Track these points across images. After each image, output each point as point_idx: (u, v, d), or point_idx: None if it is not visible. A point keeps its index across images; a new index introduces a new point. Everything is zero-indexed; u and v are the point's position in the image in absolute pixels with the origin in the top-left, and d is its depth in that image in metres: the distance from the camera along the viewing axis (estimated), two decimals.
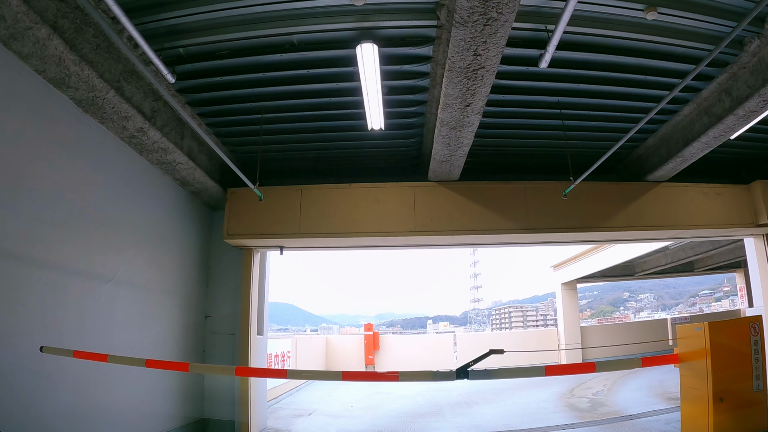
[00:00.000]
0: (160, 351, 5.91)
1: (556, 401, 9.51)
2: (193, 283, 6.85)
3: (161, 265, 6.12)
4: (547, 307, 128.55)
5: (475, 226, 6.57)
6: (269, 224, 6.57)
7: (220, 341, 6.91)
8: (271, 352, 9.84)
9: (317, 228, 6.59)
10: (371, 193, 6.73)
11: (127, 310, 5.31)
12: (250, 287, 6.80)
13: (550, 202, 6.80)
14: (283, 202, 6.69)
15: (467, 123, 5.00)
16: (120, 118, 4.90)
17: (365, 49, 4.35)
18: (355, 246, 7.25)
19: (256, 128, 6.16)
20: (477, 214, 6.63)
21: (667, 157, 6.84)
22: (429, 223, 6.55)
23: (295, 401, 10.27)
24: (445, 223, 6.60)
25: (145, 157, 5.79)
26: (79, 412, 4.38)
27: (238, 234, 6.61)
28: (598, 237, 7.46)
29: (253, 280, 6.87)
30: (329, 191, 6.78)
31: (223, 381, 6.72)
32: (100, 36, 4.30)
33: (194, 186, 6.65)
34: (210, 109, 5.86)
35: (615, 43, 4.93)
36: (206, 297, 7.15)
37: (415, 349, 16.91)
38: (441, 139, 5.39)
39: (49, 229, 4.21)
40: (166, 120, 5.56)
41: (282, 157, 7.09)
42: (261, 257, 7.36)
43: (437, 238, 6.76)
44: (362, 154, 6.98)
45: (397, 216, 6.62)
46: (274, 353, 10.05)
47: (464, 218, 6.62)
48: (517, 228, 6.61)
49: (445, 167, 6.21)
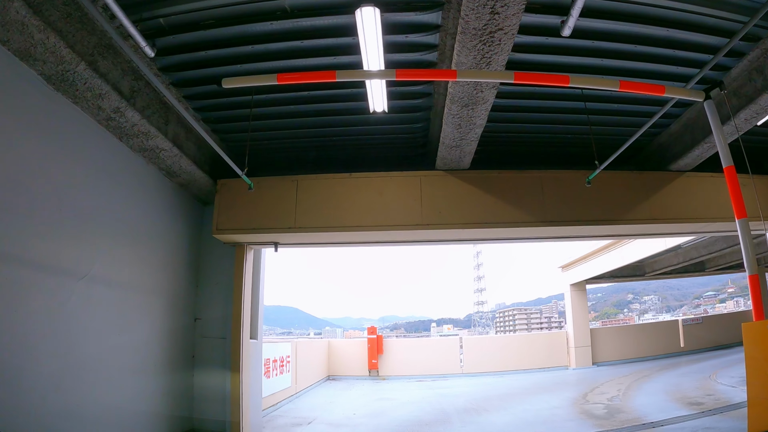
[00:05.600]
0: (142, 357, 5.38)
1: (569, 408, 9.09)
2: (180, 283, 6.32)
3: (144, 262, 5.60)
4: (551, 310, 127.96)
5: (488, 219, 6.01)
6: (262, 218, 6.03)
7: (210, 346, 6.37)
8: (269, 357, 9.30)
9: (314, 222, 6.03)
10: (373, 183, 6.17)
11: (104, 311, 4.78)
12: (242, 287, 6.26)
13: (569, 193, 6.26)
14: (278, 194, 6.15)
15: (481, 100, 4.47)
16: (94, 96, 4.41)
17: (365, 13, 3.83)
18: (355, 242, 6.69)
19: (246, 112, 5.63)
20: (489, 206, 6.07)
21: (692, 144, 6.34)
22: (437, 216, 6.00)
23: (295, 408, 9.75)
24: (454, 215, 6.04)
25: (126, 143, 5.28)
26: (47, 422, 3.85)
27: (229, 229, 6.07)
28: (619, 231, 6.88)
29: (245, 280, 6.33)
30: (328, 182, 6.22)
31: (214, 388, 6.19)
32: (71, 4, 3.83)
33: (182, 177, 6.13)
34: (196, 91, 5.36)
35: (643, 11, 4.43)
36: (196, 298, 6.61)
37: (421, 352, 16.32)
38: (451, 120, 4.85)
39: (13, 218, 3.69)
40: (148, 102, 5.07)
41: (276, 146, 6.56)
42: (255, 255, 6.83)
43: (446, 232, 6.21)
44: (364, 141, 6.43)
45: (401, 208, 6.07)
46: (272, 358, 9.50)
47: (476, 210, 6.06)
48: (533, 221, 6.05)
49: (455, 153, 5.66)
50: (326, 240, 6.54)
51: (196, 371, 6.35)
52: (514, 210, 6.04)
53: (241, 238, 6.28)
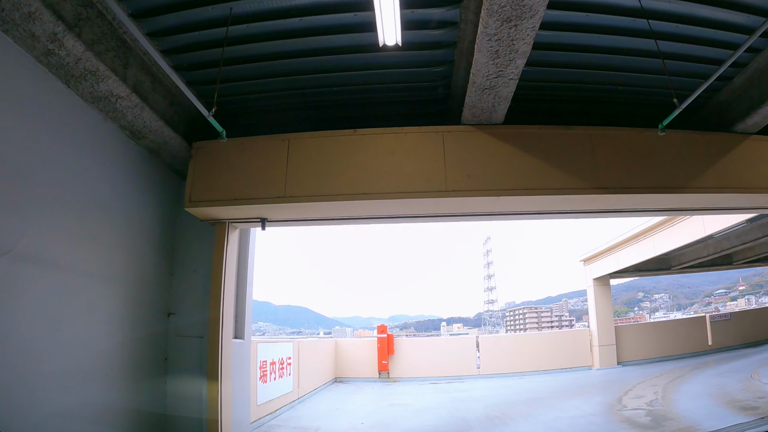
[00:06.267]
0: (92, 361, 4.24)
1: (606, 414, 8.12)
2: (149, 270, 5.19)
3: (98, 241, 4.46)
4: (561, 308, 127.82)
5: (529, 185, 4.78)
6: (245, 187, 4.84)
7: (187, 346, 5.23)
8: (266, 359, 8.18)
9: (309, 189, 4.82)
10: (384, 141, 4.94)
11: (37, 300, 3.66)
12: (221, 275, 5.07)
13: (625, 155, 5.05)
14: (265, 156, 4.96)
15: (528, 10, 3.27)
16: (23, 18, 3.33)
17: None
18: (360, 217, 5.43)
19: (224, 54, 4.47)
20: (530, 169, 4.85)
21: (759, 100, 5.23)
22: (465, 181, 4.75)
23: (296, 416, 8.65)
24: (487, 180, 4.80)
25: (75, 90, 4.18)
26: None
27: (204, 200, 4.88)
28: (683, 203, 5.55)
29: (227, 266, 5.15)
30: (326, 141, 5.00)
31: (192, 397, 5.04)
32: None
33: (150, 139, 5.01)
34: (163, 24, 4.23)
35: None
36: (170, 289, 5.46)
37: (434, 353, 15.17)
38: (486, 44, 3.64)
39: None
40: (100, 35, 3.96)
41: (262, 99, 5.34)
42: (242, 238, 5.69)
43: (477, 201, 4.96)
44: (372, 89, 5.22)
45: (420, 172, 4.84)
46: (270, 360, 8.37)
47: (514, 174, 4.83)
48: (584, 187, 4.81)
49: (488, 99, 4.44)
50: (323, 214, 5.33)
51: (169, 377, 5.20)
52: (560, 174, 4.79)
53: (220, 213, 5.08)
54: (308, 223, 5.51)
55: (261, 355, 7.91)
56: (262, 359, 7.96)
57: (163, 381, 5.17)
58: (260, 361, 7.87)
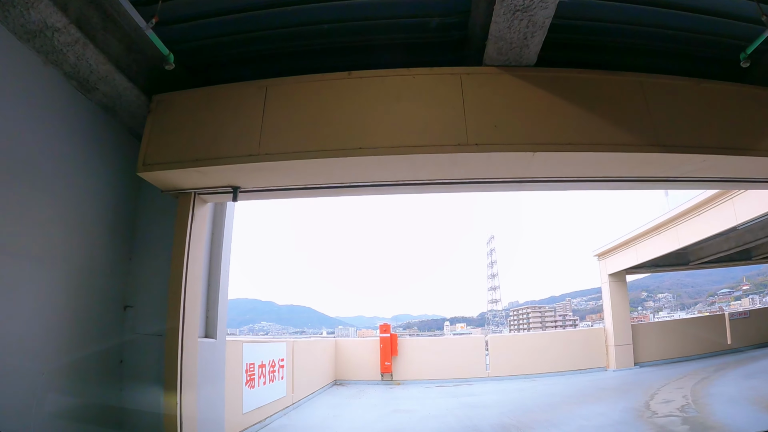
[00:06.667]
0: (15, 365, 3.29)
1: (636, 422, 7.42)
2: (102, 253, 4.23)
3: (32, 215, 3.52)
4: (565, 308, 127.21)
5: (570, 139, 3.75)
6: (211, 144, 3.84)
7: (148, 346, 4.26)
8: (254, 362, 7.22)
9: (290, 145, 3.77)
10: (386, 86, 3.91)
11: None
12: (184, 258, 4.06)
13: (683, 108, 4.04)
14: (237, 107, 3.98)
15: None
16: None
17: None
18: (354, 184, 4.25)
19: None
20: (571, 121, 3.84)
21: None
22: (491, 133, 3.71)
23: (288, 425, 7.74)
24: (518, 132, 3.76)
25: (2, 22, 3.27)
26: None
27: (162, 162, 3.89)
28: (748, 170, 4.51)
29: (191, 247, 4.14)
30: (313, 86, 3.97)
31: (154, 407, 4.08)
32: None
33: (101, 91, 4.06)
34: None
35: None
36: (128, 276, 4.49)
37: (440, 353, 14.21)
38: None
39: None
40: None
41: (238, 43, 4.35)
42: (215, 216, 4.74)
43: (506, 160, 3.90)
44: (368, 26, 4.21)
45: (433, 121, 3.81)
46: (258, 362, 7.41)
47: (550, 126, 3.80)
48: (639, 144, 3.80)
49: (518, 28, 3.44)
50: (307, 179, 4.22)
51: (126, 385, 4.24)
52: (608, 127, 3.77)
53: (182, 180, 4.08)
54: (290, 193, 4.46)
55: (248, 357, 6.96)
56: (249, 361, 7.01)
57: (118, 389, 4.21)
58: (247, 363, 6.92)
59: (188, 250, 4.01)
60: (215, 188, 4.13)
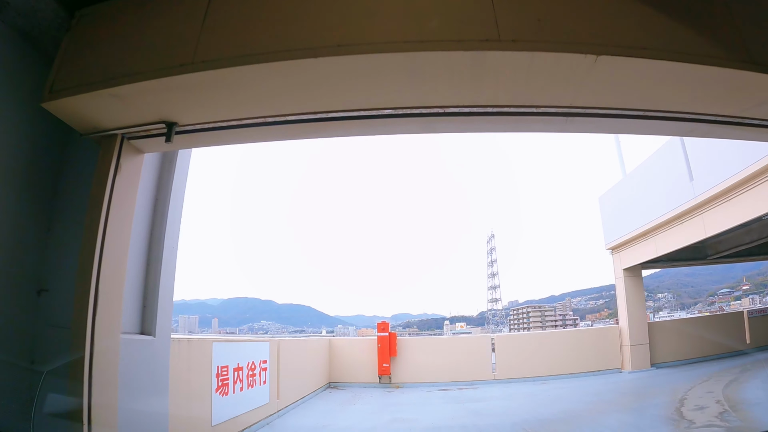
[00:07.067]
0: None
1: None
2: (8, 221, 3.17)
3: None
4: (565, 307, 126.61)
5: (643, 42, 2.63)
6: (135, 57, 2.75)
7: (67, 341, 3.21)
8: (228, 364, 6.14)
9: (238, 48, 2.63)
10: None
11: None
12: (99, 224, 2.93)
13: None
14: (174, 14, 2.87)
15: None
16: None
17: None
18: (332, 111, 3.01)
19: None
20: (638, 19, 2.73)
21: None
22: (533, 27, 2.56)
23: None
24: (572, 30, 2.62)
25: None
26: None
27: (70, 87, 2.81)
28: None
29: (112, 209, 3.00)
30: None
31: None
32: None
33: (13, 6, 3.00)
34: None
35: None
36: (45, 252, 3.43)
37: (443, 354, 13.18)
38: None
39: None
40: None
41: None
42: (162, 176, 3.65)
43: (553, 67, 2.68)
44: None
45: (446, 7, 2.65)
46: (233, 365, 6.33)
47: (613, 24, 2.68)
48: (724, 57, 2.69)
49: None
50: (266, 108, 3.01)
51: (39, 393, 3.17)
52: (685, 31, 2.66)
53: (98, 112, 2.95)
54: (244, 133, 3.24)
55: (219, 359, 5.89)
56: (221, 364, 5.94)
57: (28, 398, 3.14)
58: (218, 366, 5.86)
59: (107, 215, 2.90)
60: (144, 126, 2.99)
